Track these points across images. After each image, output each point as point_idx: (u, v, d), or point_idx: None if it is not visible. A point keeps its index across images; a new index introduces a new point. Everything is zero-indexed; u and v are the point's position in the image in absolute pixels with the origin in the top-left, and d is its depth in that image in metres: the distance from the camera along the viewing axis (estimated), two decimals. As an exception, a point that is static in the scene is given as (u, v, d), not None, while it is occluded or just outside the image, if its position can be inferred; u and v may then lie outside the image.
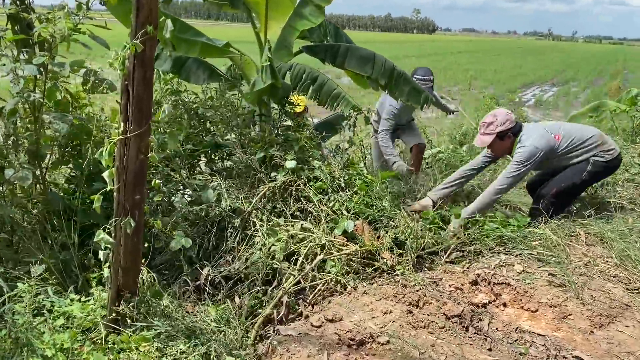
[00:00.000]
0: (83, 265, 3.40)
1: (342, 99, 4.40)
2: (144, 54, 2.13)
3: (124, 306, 2.62)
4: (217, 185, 3.85)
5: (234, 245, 3.76)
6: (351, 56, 4.74)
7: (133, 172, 2.35)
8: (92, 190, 3.57)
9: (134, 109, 2.21)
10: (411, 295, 3.24)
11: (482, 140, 4.55)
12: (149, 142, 2.33)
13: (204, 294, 3.53)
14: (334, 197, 3.88)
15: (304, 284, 3.49)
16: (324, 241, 3.61)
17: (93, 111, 3.94)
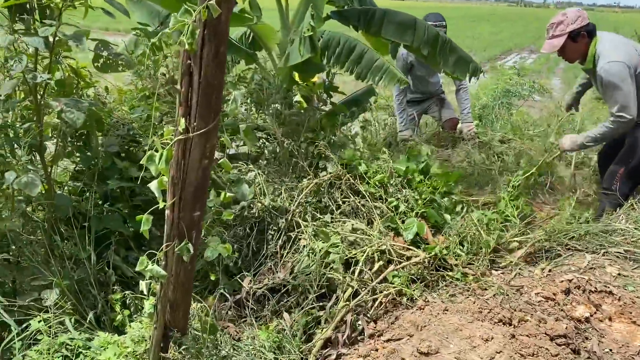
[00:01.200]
0: (99, 282, 2.79)
1: (386, 71, 3.80)
2: (218, 22, 1.50)
3: (174, 350, 2.05)
4: (254, 178, 3.24)
5: (276, 250, 3.19)
6: (389, 22, 4.13)
7: (194, 183, 1.74)
8: (104, 190, 2.94)
9: (201, 100, 1.59)
10: (499, 310, 2.74)
11: (552, 44, 3.95)
12: (216, 143, 1.72)
13: (246, 309, 2.98)
14: (396, 194, 3.30)
15: (364, 297, 2.94)
16: (385, 246, 3.06)
17: (98, 92, 3.27)
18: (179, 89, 1.60)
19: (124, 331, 2.54)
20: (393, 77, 3.83)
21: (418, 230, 3.12)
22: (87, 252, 2.69)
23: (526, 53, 30.88)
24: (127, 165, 2.96)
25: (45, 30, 2.24)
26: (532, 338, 2.53)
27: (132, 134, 3.16)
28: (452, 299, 2.95)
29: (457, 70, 4.25)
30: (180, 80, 1.59)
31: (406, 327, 2.79)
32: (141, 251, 3.02)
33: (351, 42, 3.89)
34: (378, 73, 3.84)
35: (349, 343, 2.80)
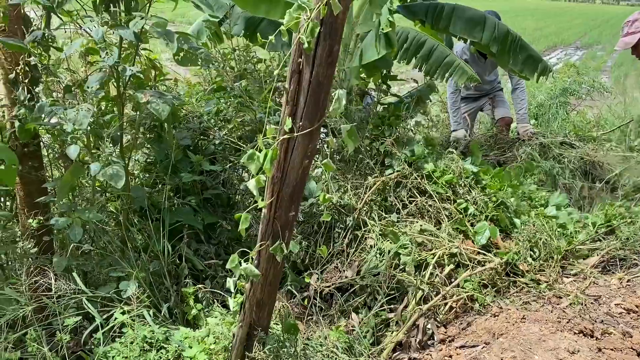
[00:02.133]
0: (171, 275, 2.80)
1: (457, 68, 3.69)
2: (335, 20, 1.45)
3: (258, 349, 2.02)
4: (320, 175, 3.20)
5: (342, 248, 3.15)
6: (458, 18, 4.02)
7: (293, 183, 1.71)
8: (175, 182, 2.94)
9: (309, 99, 1.55)
10: (579, 321, 2.64)
11: (625, 41, 3.90)
12: (317, 144, 1.67)
13: (313, 307, 2.95)
14: (464, 196, 3.21)
15: (435, 301, 2.87)
16: (456, 250, 2.98)
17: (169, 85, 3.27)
18: (286, 88, 1.56)
19: (197, 325, 2.54)
20: (464, 73, 3.72)
21: (490, 235, 3.02)
22: (161, 245, 2.70)
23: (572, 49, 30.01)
24: (199, 158, 2.96)
25: (136, 23, 2.23)
26: (619, 352, 2.42)
27: (203, 127, 3.16)
28: (526, 307, 2.86)
29: (526, 69, 4.11)
30: (290, 78, 1.55)
31: (480, 334, 2.71)
32: (210, 245, 3.02)
33: (420, 37, 3.80)
34: (449, 69, 3.74)
35: (420, 347, 2.75)
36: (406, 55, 3.81)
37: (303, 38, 1.41)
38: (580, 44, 34.23)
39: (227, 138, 3.14)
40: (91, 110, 2.27)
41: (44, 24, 2.64)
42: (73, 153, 2.25)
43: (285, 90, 1.56)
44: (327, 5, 1.40)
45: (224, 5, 4.21)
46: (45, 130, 2.70)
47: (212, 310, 2.60)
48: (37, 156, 2.74)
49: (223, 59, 3.48)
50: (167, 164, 2.86)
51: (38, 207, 2.66)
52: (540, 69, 4.10)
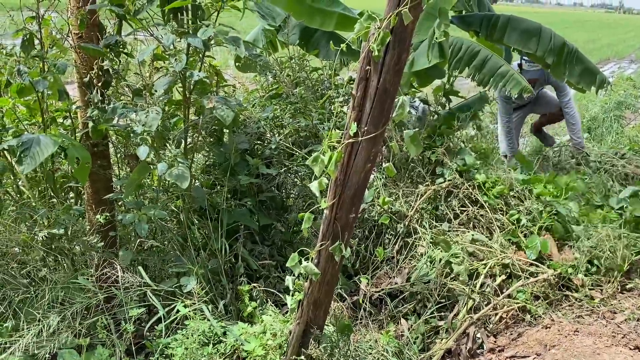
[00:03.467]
0: (226, 273, 2.90)
1: (511, 78, 3.69)
2: (404, 29, 1.51)
3: (314, 347, 2.09)
4: (372, 181, 3.25)
5: (392, 255, 3.19)
6: (513, 29, 4.01)
7: (355, 185, 1.77)
8: (233, 184, 3.05)
9: (375, 105, 1.61)
10: (635, 337, 2.60)
11: None
12: (380, 148, 1.73)
13: (363, 311, 2.99)
14: (517, 207, 3.20)
15: (486, 310, 2.87)
16: (508, 260, 2.98)
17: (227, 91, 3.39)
18: (353, 94, 1.62)
19: (252, 322, 2.63)
20: (517, 84, 3.71)
21: (541, 249, 3.00)
22: (219, 244, 2.80)
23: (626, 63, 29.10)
24: (257, 161, 3.06)
25: (205, 31, 2.35)
26: (676, 370, 2.37)
27: (260, 132, 3.26)
28: (579, 320, 2.83)
29: (582, 82, 4.06)
30: (357, 85, 1.62)
31: (531, 344, 2.70)
32: (265, 245, 3.11)
33: (474, 47, 3.81)
34: (502, 80, 3.74)
35: (470, 356, 2.75)
36: (459, 64, 3.82)
37: (373, 47, 1.48)
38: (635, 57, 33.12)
39: (282, 143, 3.23)
40: (160, 113, 2.39)
41: (116, 31, 2.80)
42: (143, 153, 2.38)
43: (352, 96, 1.63)
44: (398, 16, 1.46)
45: (280, 15, 4.34)
46: (114, 131, 2.86)
47: (266, 309, 2.68)
48: (106, 156, 2.90)
49: (280, 67, 3.59)
50: (226, 167, 2.97)
51: (105, 204, 2.82)
52: (598, 81, 4.04)
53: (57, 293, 2.24)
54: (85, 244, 2.56)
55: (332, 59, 4.31)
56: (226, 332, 2.33)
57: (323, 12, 3.99)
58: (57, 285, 2.31)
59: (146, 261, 2.66)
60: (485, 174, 3.27)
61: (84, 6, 2.57)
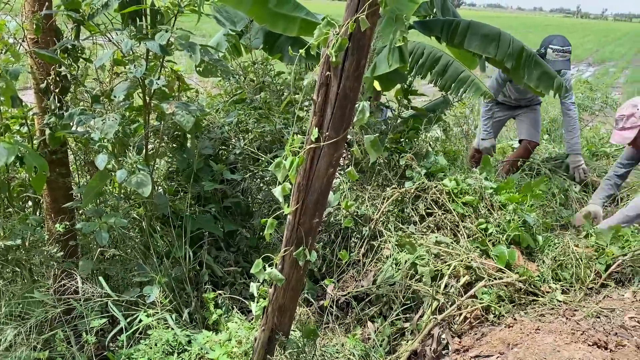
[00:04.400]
0: (191, 281, 2.86)
1: (471, 83, 3.76)
2: (362, 36, 1.52)
3: (279, 353, 2.08)
4: (338, 185, 3.26)
5: (358, 258, 3.20)
6: (472, 34, 4.08)
7: (318, 190, 1.77)
8: (197, 191, 3.01)
9: (336, 111, 1.62)
10: (593, 333, 2.66)
11: (623, 136, 3.84)
12: (342, 153, 1.74)
13: (329, 315, 2.99)
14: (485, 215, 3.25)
15: (450, 311, 2.91)
16: (474, 263, 3.02)
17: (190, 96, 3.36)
18: (314, 99, 1.63)
19: (217, 330, 2.60)
20: (478, 89, 3.79)
21: (509, 259, 3.05)
22: (182, 251, 2.76)
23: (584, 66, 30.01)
24: (221, 167, 3.03)
25: (163, 36, 2.32)
26: (633, 364, 2.45)
27: (224, 137, 3.23)
28: (540, 319, 2.89)
29: (541, 85, 4.16)
30: (318, 90, 1.62)
31: (495, 344, 2.74)
32: (230, 252, 3.09)
33: (436, 52, 3.88)
34: (463, 85, 3.81)
35: (435, 357, 2.79)
36: (422, 70, 3.88)
37: (331, 52, 1.49)
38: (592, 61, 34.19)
39: (247, 148, 3.22)
40: (117, 120, 2.35)
41: (74, 36, 2.74)
42: (101, 162, 2.33)
43: (313, 101, 1.63)
44: (356, 22, 1.47)
45: (242, 19, 4.32)
46: (73, 138, 2.79)
47: (232, 316, 2.66)
48: (65, 163, 2.83)
49: (243, 72, 3.57)
50: (189, 173, 2.94)
51: (64, 212, 2.75)
52: (555, 84, 4.15)
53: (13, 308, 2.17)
54: (44, 254, 2.49)
55: (296, 63, 4.32)
56: (191, 341, 2.31)
57: (286, 17, 3.99)
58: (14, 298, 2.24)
59: (108, 270, 2.61)
60: (455, 180, 3.30)
61: (40, 10, 2.51)
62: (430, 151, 3.56)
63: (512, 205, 3.25)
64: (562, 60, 4.63)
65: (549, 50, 4.60)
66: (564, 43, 4.68)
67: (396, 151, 3.54)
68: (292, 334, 2.39)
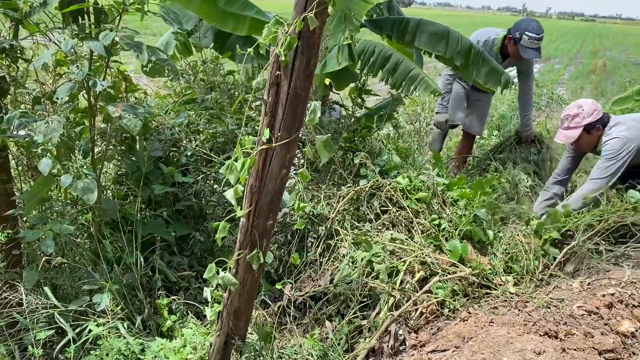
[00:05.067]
0: (144, 287, 2.78)
1: (421, 81, 3.80)
2: (312, 35, 1.51)
3: (236, 358, 2.04)
4: (293, 185, 3.24)
5: (315, 258, 3.19)
6: (422, 32, 4.14)
7: (271, 192, 1.75)
8: (147, 194, 2.93)
9: (287, 111, 1.60)
10: (544, 323, 2.74)
11: (567, 135, 3.94)
12: (295, 154, 1.72)
13: (287, 316, 2.97)
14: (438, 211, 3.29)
15: (407, 307, 2.94)
16: (429, 259, 3.06)
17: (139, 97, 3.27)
18: (265, 99, 1.60)
19: (172, 337, 2.54)
20: (427, 87, 3.83)
21: (462, 252, 3.11)
22: (133, 257, 2.68)
23: (529, 62, 30.75)
24: (171, 170, 2.96)
25: (107, 35, 2.24)
26: (582, 352, 2.53)
27: (174, 139, 3.16)
28: (494, 311, 2.96)
29: (489, 82, 4.25)
30: (268, 90, 1.60)
31: (451, 338, 2.79)
32: (183, 256, 3.02)
33: (386, 51, 3.90)
34: (413, 83, 3.85)
35: (393, 353, 2.81)
36: (373, 68, 3.90)
37: (280, 51, 1.46)
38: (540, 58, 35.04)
39: (199, 149, 3.15)
40: (62, 122, 2.25)
41: (12, 35, 2.62)
42: (45, 167, 2.23)
43: (263, 101, 1.61)
44: (304, 21, 1.45)
45: (190, 18, 4.24)
46: (14, 142, 2.67)
47: (187, 322, 2.60)
48: (5, 169, 2.70)
49: (193, 71, 3.50)
50: (139, 176, 2.85)
51: (6, 220, 2.62)
52: (503, 81, 4.25)
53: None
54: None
55: (248, 62, 4.27)
56: (144, 349, 2.24)
57: (236, 16, 3.94)
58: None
59: (55, 280, 2.50)
60: (408, 177, 3.33)
61: (-27, 9, 2.38)
62: (383, 149, 3.58)
63: (464, 200, 3.31)
64: (534, 49, 4.67)
65: (524, 37, 4.58)
66: (539, 31, 4.66)
67: (350, 150, 3.54)
68: (249, 337, 2.36)
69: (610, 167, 3.79)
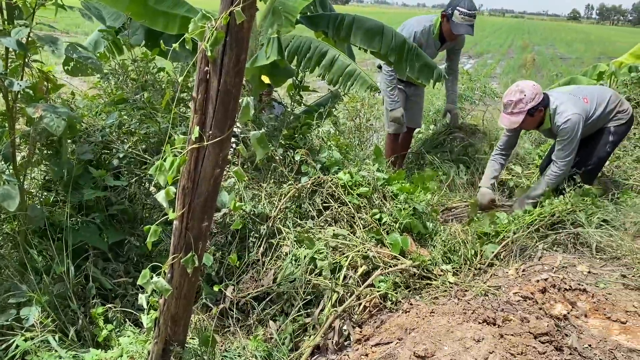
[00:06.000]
0: (77, 296, 2.66)
1: (357, 77, 3.82)
2: (240, 29, 1.47)
3: (175, 365, 1.98)
4: (233, 185, 3.17)
5: (257, 258, 3.15)
6: (357, 29, 4.17)
7: (205, 193, 1.69)
8: (78, 200, 2.80)
9: (218, 108, 1.55)
10: (483, 311, 2.81)
11: (511, 120, 4.06)
12: (228, 152, 1.67)
13: (230, 319, 2.91)
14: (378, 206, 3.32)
15: (350, 302, 2.94)
16: (370, 253, 3.08)
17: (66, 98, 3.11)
18: (194, 96, 1.55)
19: (109, 346, 2.44)
20: (364, 83, 3.86)
21: (402, 245, 3.14)
22: (64, 266, 2.55)
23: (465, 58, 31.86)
24: (102, 173, 2.84)
25: (20, 31, 2.11)
26: (519, 337, 2.61)
27: (105, 140, 3.03)
28: (435, 302, 3.01)
29: (422, 76, 4.32)
30: (197, 87, 1.54)
31: (393, 330, 2.82)
32: (119, 262, 2.90)
33: (322, 47, 3.89)
34: (350, 79, 3.86)
35: (337, 349, 2.80)
36: (309, 64, 3.88)
37: (206, 46, 1.42)
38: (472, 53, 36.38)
39: (132, 151, 3.04)
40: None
41: None
42: (-40, 173, 2.08)
43: (192, 99, 1.55)
44: (231, 15, 1.41)
45: (115, 15, 4.10)
46: None
47: (124, 330, 2.51)
48: None
49: (122, 70, 3.37)
50: (68, 181, 2.72)
51: None
52: (435, 75, 4.33)
53: None
54: None
55: (181, 60, 4.16)
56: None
57: (166, 14, 3.84)
58: None
59: (-23, 294, 2.35)
60: (349, 173, 3.33)
61: None
62: (324, 146, 3.57)
63: (404, 194, 3.35)
64: (466, 25, 4.68)
65: (455, 12, 4.61)
66: (471, 7, 4.65)
67: (291, 147, 3.51)
68: (190, 342, 2.30)
69: (570, 145, 4.03)
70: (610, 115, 4.21)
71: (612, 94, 4.31)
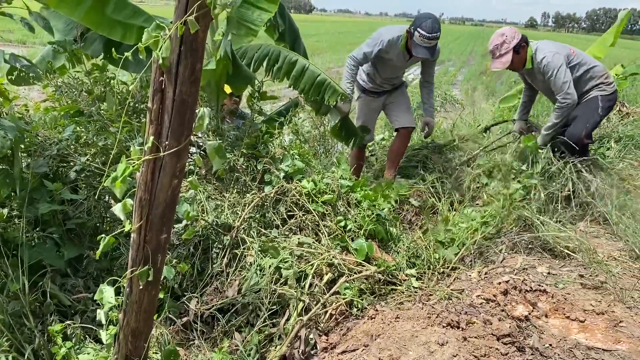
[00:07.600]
0: (34, 314, 2.58)
1: (328, 86, 3.82)
2: (195, 38, 1.46)
3: (136, 381, 1.93)
4: (194, 196, 3.13)
5: (221, 269, 3.11)
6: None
7: (163, 204, 1.67)
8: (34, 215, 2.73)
9: (174, 118, 1.53)
10: (447, 315, 2.85)
11: (502, 61, 4.45)
12: (186, 163, 1.66)
13: (194, 331, 2.87)
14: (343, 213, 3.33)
15: (316, 310, 2.94)
16: (336, 260, 3.08)
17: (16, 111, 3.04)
18: (149, 106, 1.52)
19: (68, 365, 2.37)
20: (334, 92, 3.88)
21: (367, 251, 3.16)
22: (19, 283, 2.47)
23: (434, 66, 32.20)
24: (58, 186, 2.77)
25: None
26: (482, 339, 2.64)
27: (62, 153, 2.96)
28: (400, 307, 3.03)
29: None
30: (152, 97, 1.52)
31: (359, 337, 2.82)
32: (78, 278, 2.83)
33: (291, 57, 3.89)
34: (320, 89, 3.87)
35: (304, 358, 2.79)
36: (279, 74, 3.87)
37: (158, 54, 1.40)
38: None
39: (90, 164, 2.97)
40: None
41: None
42: None
43: (147, 109, 1.53)
44: (186, 24, 1.40)
45: (70, 26, 4.01)
46: None
47: (84, 347, 2.44)
48: None
49: (77, 82, 3.30)
50: (23, 195, 2.64)
51: None
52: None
53: None
54: None
55: (141, 70, 4.10)
56: (34, 383, 2.06)
57: (124, 24, 3.78)
58: None
59: None
60: (313, 181, 3.33)
61: None
62: (286, 154, 3.57)
63: (367, 201, 3.38)
64: (424, 47, 4.45)
65: (416, 33, 4.45)
66: (432, 30, 4.41)
67: (253, 156, 3.50)
68: (152, 357, 2.25)
69: (560, 76, 4.31)
70: (595, 82, 4.49)
71: (601, 66, 4.61)
